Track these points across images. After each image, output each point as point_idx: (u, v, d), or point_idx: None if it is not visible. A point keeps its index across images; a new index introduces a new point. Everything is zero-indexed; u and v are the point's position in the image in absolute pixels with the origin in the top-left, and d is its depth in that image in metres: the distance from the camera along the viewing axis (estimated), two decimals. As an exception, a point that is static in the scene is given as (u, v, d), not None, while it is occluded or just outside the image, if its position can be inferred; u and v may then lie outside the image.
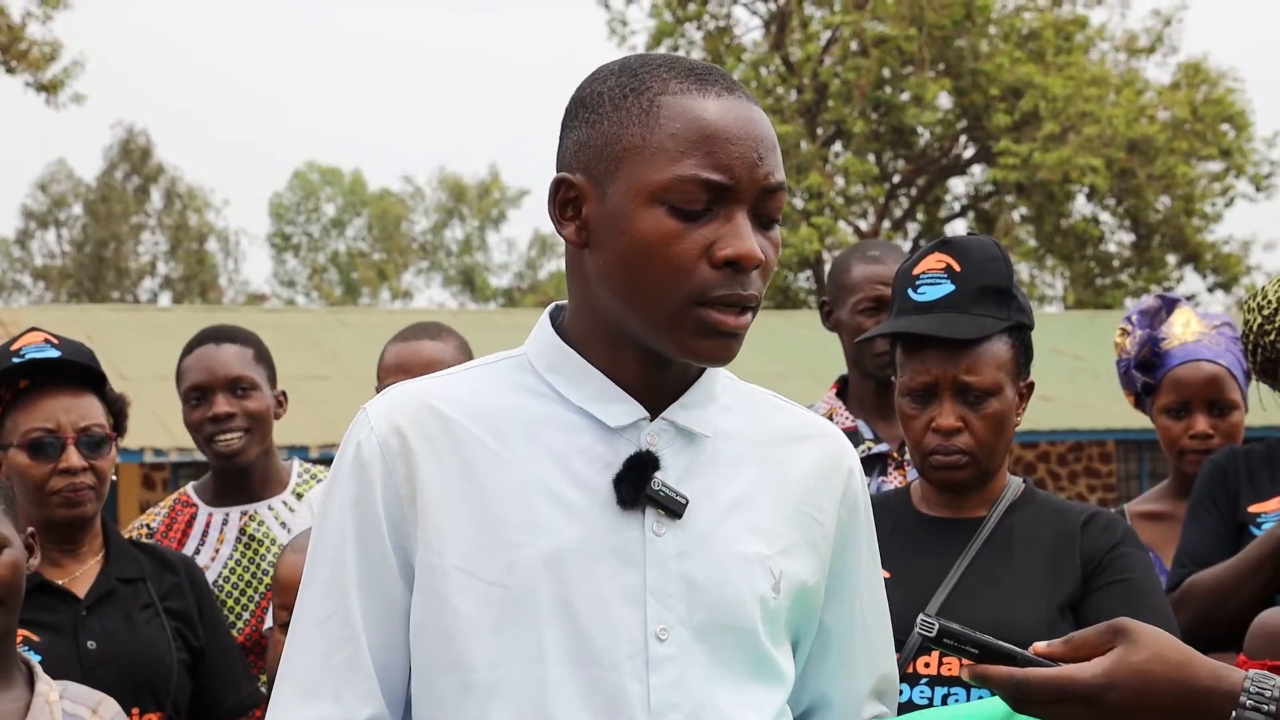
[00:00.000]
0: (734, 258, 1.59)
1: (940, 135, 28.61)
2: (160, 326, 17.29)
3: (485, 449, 1.65)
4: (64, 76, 20.77)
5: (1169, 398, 3.41)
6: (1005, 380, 2.46)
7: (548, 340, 1.72)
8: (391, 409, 1.67)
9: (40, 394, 2.94)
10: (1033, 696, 1.59)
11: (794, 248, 25.73)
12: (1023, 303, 2.52)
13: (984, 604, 2.37)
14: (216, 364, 3.48)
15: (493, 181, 46.01)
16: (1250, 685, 1.57)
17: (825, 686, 1.84)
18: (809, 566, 1.74)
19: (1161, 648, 1.59)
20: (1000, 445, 2.49)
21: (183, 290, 41.86)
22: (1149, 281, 29.00)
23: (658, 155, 1.60)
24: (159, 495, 15.38)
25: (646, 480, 1.64)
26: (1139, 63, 30.20)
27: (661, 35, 28.55)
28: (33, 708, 2.56)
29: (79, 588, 2.96)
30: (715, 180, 1.59)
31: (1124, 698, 1.57)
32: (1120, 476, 19.74)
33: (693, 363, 1.65)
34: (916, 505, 2.55)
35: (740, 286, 1.60)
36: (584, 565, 1.62)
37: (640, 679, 1.61)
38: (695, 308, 1.60)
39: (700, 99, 1.61)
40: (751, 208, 1.62)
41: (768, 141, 1.62)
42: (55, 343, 3.00)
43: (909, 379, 2.49)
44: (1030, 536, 2.47)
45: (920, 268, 2.52)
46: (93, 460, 2.94)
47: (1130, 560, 2.45)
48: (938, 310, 2.47)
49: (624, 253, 1.61)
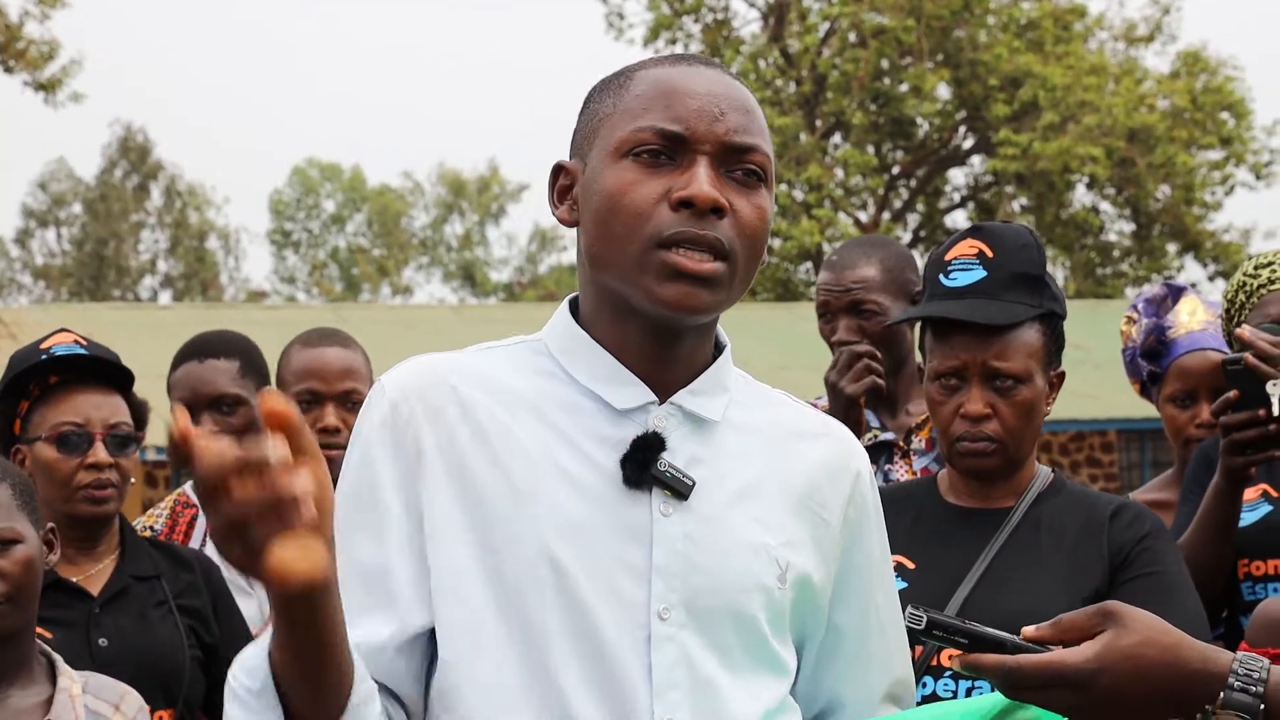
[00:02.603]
0: (687, 198, 1.62)
1: (939, 126, 28.62)
2: (161, 324, 17.32)
3: (495, 422, 1.68)
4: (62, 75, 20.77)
5: (1175, 386, 3.41)
6: (1035, 368, 2.44)
7: (563, 324, 1.75)
8: (406, 380, 1.70)
9: (70, 390, 2.98)
10: (1024, 683, 1.59)
11: (795, 240, 25.74)
12: (1055, 291, 2.49)
13: (1009, 595, 2.34)
14: (199, 382, 3.46)
15: (492, 176, 46.06)
16: (1238, 667, 1.59)
17: (838, 688, 1.84)
18: (813, 562, 1.75)
19: (1151, 631, 1.60)
20: (1028, 434, 2.45)
21: (183, 288, 41.91)
22: (1149, 270, 29.02)
23: (624, 116, 1.68)
24: (161, 493, 15.41)
25: (652, 460, 1.65)
26: (1138, 51, 30.21)
27: (659, 28, 28.56)
28: (55, 703, 2.56)
29: (93, 585, 2.97)
30: (671, 130, 1.65)
31: (1115, 681, 1.58)
32: (1122, 465, 19.76)
33: (665, 315, 1.65)
34: (944, 495, 2.52)
35: (697, 226, 1.62)
36: (590, 541, 1.64)
37: (641, 656, 1.62)
38: (656, 250, 1.63)
39: (670, 68, 1.70)
40: (718, 162, 1.65)
41: (734, 102, 1.67)
42: (84, 344, 3.04)
43: (938, 364, 2.46)
44: (1057, 527, 2.43)
45: (952, 253, 2.50)
46: (118, 458, 2.97)
47: (1159, 553, 2.40)
48: (969, 296, 2.45)
49: (597, 210, 1.67)
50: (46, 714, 2.56)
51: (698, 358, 1.73)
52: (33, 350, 3.02)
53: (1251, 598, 2.92)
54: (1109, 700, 1.58)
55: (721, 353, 1.77)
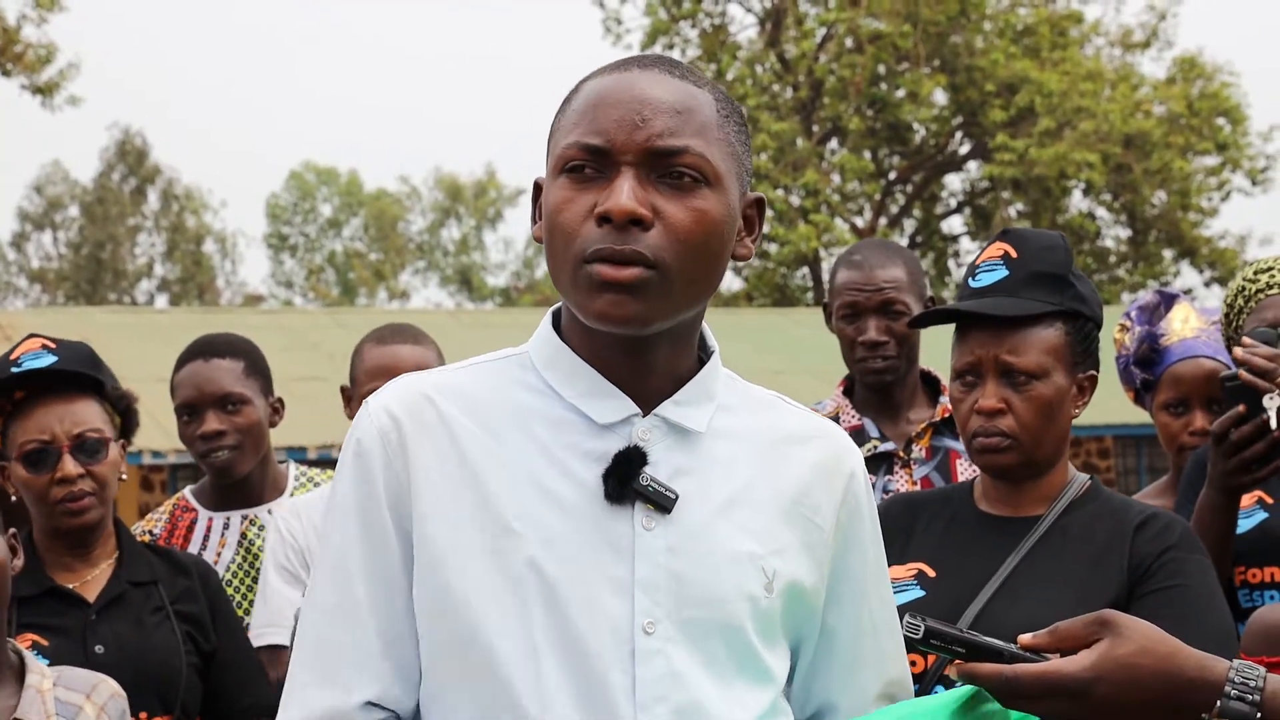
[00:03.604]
0: (602, 212, 1.62)
1: (936, 131, 28.62)
2: (157, 328, 17.28)
3: (479, 442, 1.68)
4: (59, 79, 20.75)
5: (1168, 394, 3.42)
6: (1053, 365, 2.41)
7: (546, 338, 1.75)
8: (390, 401, 1.71)
9: (35, 405, 2.94)
10: (1021, 693, 1.60)
11: (791, 245, 25.74)
12: (1082, 291, 2.47)
13: (1026, 607, 2.29)
14: (204, 381, 3.48)
15: (489, 181, 46.04)
16: (1235, 675, 1.59)
17: (831, 691, 1.83)
18: (805, 567, 1.74)
19: (1148, 640, 1.61)
20: (1049, 434, 2.42)
21: (180, 292, 41.85)
22: (1145, 276, 29.02)
23: (562, 132, 1.69)
24: (157, 497, 15.38)
25: (633, 475, 1.65)
26: (1134, 57, 30.23)
27: (656, 33, 28.55)
28: (23, 699, 2.54)
29: (90, 591, 2.97)
30: (592, 144, 1.65)
31: (1111, 690, 1.58)
32: (1118, 471, 19.76)
33: (599, 327, 1.65)
34: (977, 502, 2.49)
35: (615, 241, 1.61)
36: (573, 557, 1.64)
37: (626, 671, 1.62)
38: (583, 266, 1.63)
39: (607, 77, 1.69)
40: (647, 170, 1.64)
41: (661, 105, 1.65)
42: (53, 348, 3.00)
43: (956, 361, 2.47)
44: (1085, 537, 2.39)
45: (982, 257, 2.51)
46: (90, 466, 2.93)
47: (1183, 565, 2.33)
48: (990, 294, 2.45)
49: (546, 230, 1.69)
50: (14, 713, 2.54)
51: (680, 365, 1.72)
52: (2, 363, 2.98)
53: (1249, 605, 2.92)
54: (1106, 709, 1.59)
55: (709, 358, 1.76)
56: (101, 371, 3.03)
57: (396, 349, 3.43)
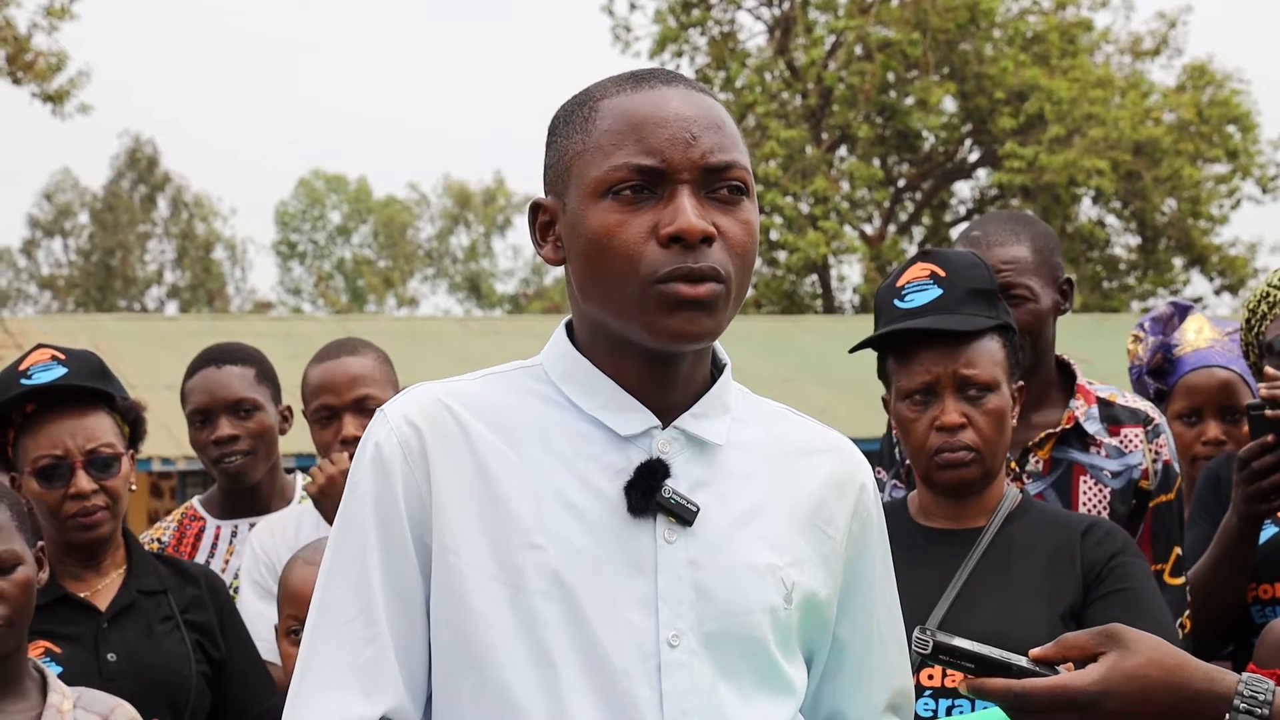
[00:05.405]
0: (676, 233, 1.61)
1: (945, 139, 28.60)
2: (167, 335, 17.29)
3: (499, 453, 1.67)
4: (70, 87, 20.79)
5: (1181, 404, 3.42)
6: (1001, 377, 2.47)
7: (562, 350, 1.74)
8: (410, 409, 1.69)
9: (46, 418, 2.94)
10: (1031, 706, 1.61)
11: (800, 253, 25.73)
12: (1006, 307, 2.56)
13: (985, 616, 2.36)
14: (218, 386, 3.49)
15: (498, 188, 46.08)
16: (1244, 688, 1.60)
17: (840, 702, 1.84)
18: (820, 579, 1.75)
19: (1155, 652, 1.61)
20: (1001, 445, 2.48)
21: (189, 299, 41.91)
22: (1156, 284, 28.97)
23: (596, 154, 1.65)
24: (166, 504, 15.39)
25: (657, 488, 1.65)
26: (1144, 65, 30.19)
27: (665, 41, 28.55)
28: (44, 718, 2.57)
29: (100, 600, 2.97)
30: (647, 165, 1.63)
31: (1120, 703, 1.59)
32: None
33: (669, 346, 1.65)
34: (914, 517, 2.54)
35: (691, 260, 1.62)
36: (595, 571, 1.63)
37: (652, 684, 1.62)
38: (653, 286, 1.62)
39: (633, 94, 1.67)
40: (699, 187, 1.64)
41: (704, 121, 1.65)
42: (62, 359, 2.99)
43: (906, 382, 2.48)
44: (1030, 546, 2.46)
45: (905, 279, 2.54)
46: (103, 481, 2.94)
47: (1130, 569, 2.45)
48: (928, 313, 2.48)
49: (584, 253, 1.66)
50: None
51: (697, 378, 1.73)
52: (10, 375, 2.98)
53: (1261, 620, 2.92)
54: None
55: (722, 371, 1.76)
56: (111, 383, 3.03)
57: (340, 361, 3.45)
